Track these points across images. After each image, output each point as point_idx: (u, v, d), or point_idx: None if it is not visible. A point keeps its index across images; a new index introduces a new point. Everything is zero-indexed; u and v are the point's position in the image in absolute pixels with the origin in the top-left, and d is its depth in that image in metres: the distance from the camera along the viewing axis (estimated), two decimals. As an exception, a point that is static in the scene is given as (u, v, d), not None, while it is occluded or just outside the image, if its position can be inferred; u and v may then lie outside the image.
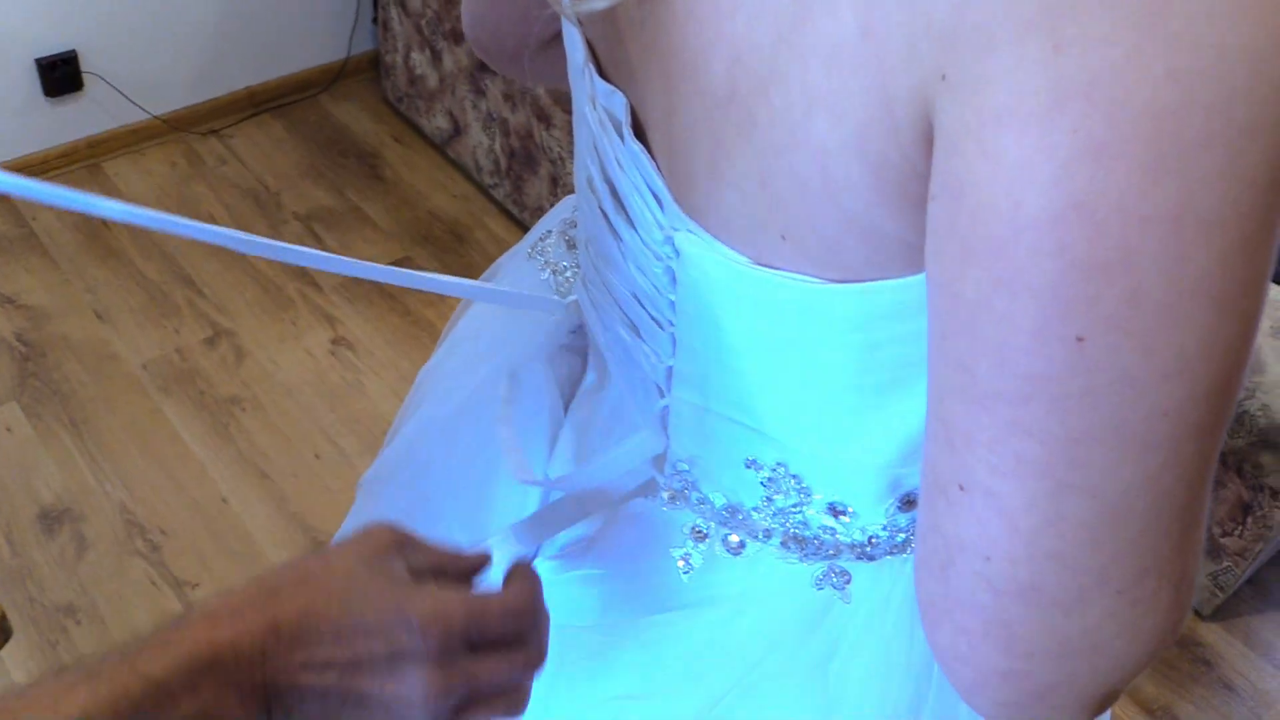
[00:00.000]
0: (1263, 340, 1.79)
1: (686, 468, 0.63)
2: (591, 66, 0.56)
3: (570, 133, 2.22)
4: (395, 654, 0.51)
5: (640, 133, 0.54)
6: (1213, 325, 0.36)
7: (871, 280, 0.46)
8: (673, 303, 0.56)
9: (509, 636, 0.54)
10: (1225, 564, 1.88)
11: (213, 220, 2.43)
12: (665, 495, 0.64)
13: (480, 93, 2.41)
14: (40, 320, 2.19)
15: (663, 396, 0.61)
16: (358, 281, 2.35)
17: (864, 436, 0.55)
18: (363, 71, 2.88)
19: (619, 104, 0.54)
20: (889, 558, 0.61)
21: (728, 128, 0.45)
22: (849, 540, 0.61)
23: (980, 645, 0.42)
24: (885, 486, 0.58)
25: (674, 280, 0.54)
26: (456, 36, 2.41)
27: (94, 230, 2.39)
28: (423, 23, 2.50)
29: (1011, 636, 0.42)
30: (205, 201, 2.49)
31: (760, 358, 0.54)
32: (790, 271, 0.48)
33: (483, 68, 2.36)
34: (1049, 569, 0.40)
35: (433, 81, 2.56)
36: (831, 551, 0.61)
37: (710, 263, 0.51)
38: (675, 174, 0.51)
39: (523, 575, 0.58)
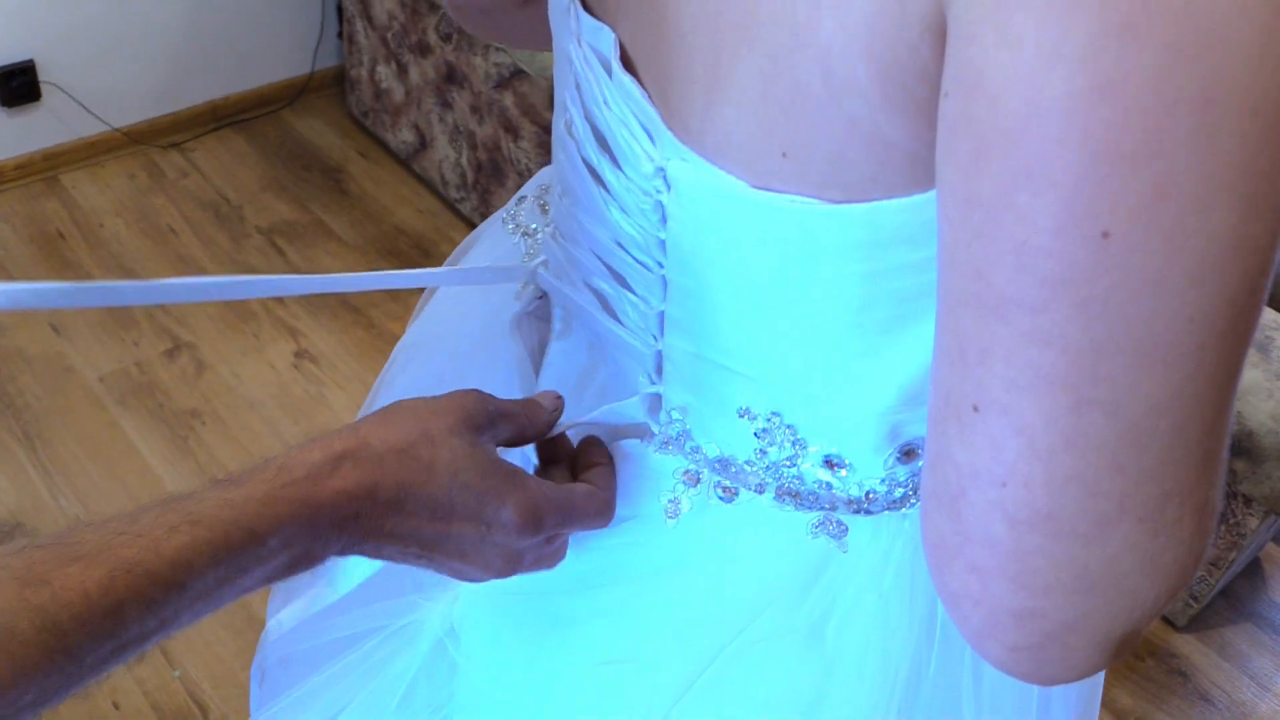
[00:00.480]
0: (1233, 348, 1.79)
1: (679, 417, 0.60)
2: (577, 3, 0.53)
3: (538, 145, 2.20)
4: (482, 539, 0.53)
5: (629, 68, 0.51)
6: (1240, 221, 0.34)
7: (875, 200, 0.44)
8: (662, 242, 0.53)
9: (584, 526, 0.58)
10: (1199, 573, 1.87)
11: (173, 233, 2.39)
12: (659, 439, 0.61)
13: (447, 105, 2.39)
14: (-7, 333, 2.14)
15: (656, 341, 0.59)
16: (321, 294, 2.31)
17: (863, 380, 0.53)
18: (327, 87, 2.85)
19: (607, 39, 0.52)
20: (887, 513, 0.58)
21: (726, 37, 0.43)
22: (845, 495, 0.58)
23: (993, 583, 0.40)
24: (884, 435, 0.55)
25: (664, 218, 0.52)
26: (423, 49, 2.39)
27: (50, 242, 2.34)
28: (389, 35, 2.47)
29: (1026, 571, 0.39)
30: (165, 214, 2.45)
31: (755, 295, 0.52)
32: (790, 194, 0.45)
33: (450, 79, 2.34)
34: (1068, 494, 0.37)
35: (398, 95, 2.53)
36: (827, 506, 0.58)
37: (705, 190, 0.48)
38: (669, 100, 0.48)
39: (602, 457, 0.61)
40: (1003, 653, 0.42)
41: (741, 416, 0.57)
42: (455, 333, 0.77)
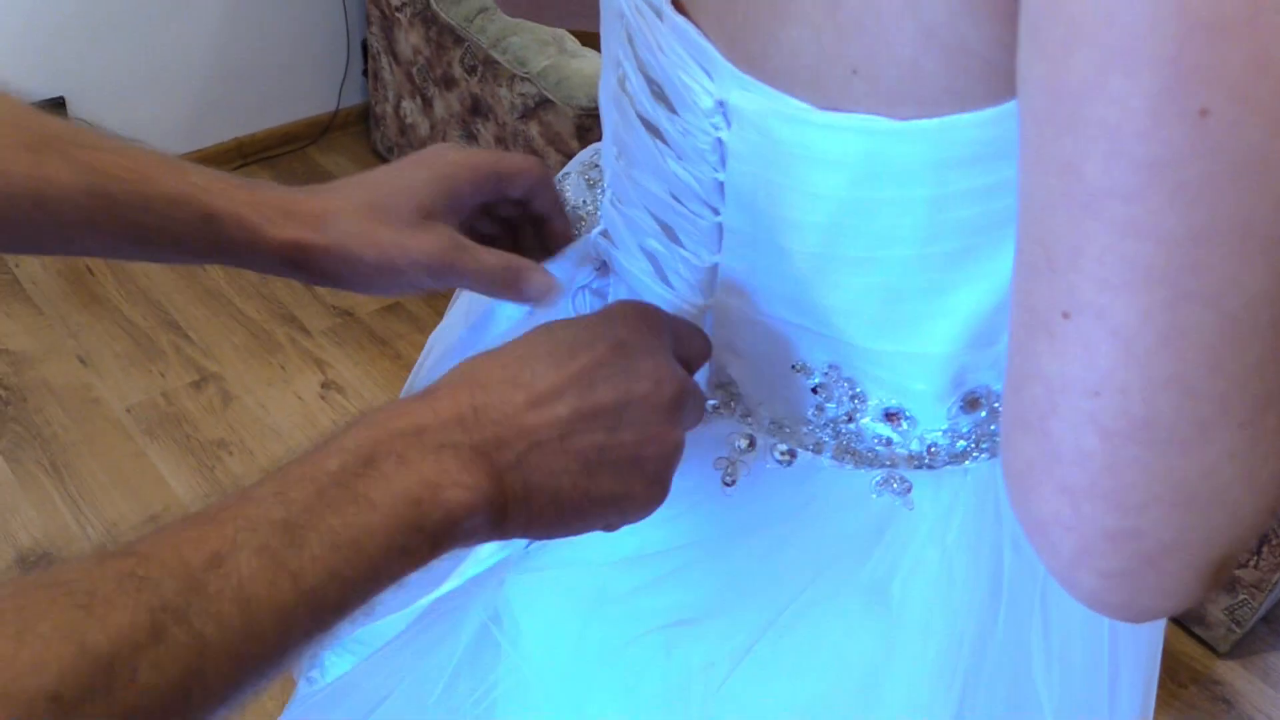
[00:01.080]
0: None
1: (728, 381, 0.59)
2: None
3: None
4: (626, 349, 0.47)
5: (680, 10, 0.51)
6: None
7: (947, 115, 0.43)
8: (720, 185, 0.52)
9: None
10: (1241, 597, 1.83)
11: (200, 267, 2.39)
12: (709, 406, 0.60)
13: (472, 137, 2.40)
14: (21, 365, 2.14)
15: (705, 300, 0.57)
16: (347, 325, 2.32)
17: (927, 320, 0.52)
18: (352, 124, 2.87)
19: None
20: (949, 468, 0.57)
21: None
22: (906, 451, 0.56)
23: (1086, 504, 0.38)
24: (949, 382, 0.54)
25: (723, 159, 0.51)
26: (448, 83, 2.40)
27: (78, 276, 2.35)
28: (414, 70, 2.50)
29: (1122, 487, 0.37)
30: (192, 249, 2.45)
31: (818, 231, 0.50)
32: (860, 113, 0.44)
33: (475, 111, 2.35)
34: (1165, 398, 0.36)
35: (424, 129, 2.55)
36: (888, 463, 0.57)
37: (769, 118, 0.47)
38: (728, 31, 0.48)
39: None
40: (1095, 581, 0.40)
41: (797, 371, 0.56)
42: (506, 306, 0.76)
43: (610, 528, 0.49)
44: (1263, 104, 0.32)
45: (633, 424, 0.46)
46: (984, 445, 0.57)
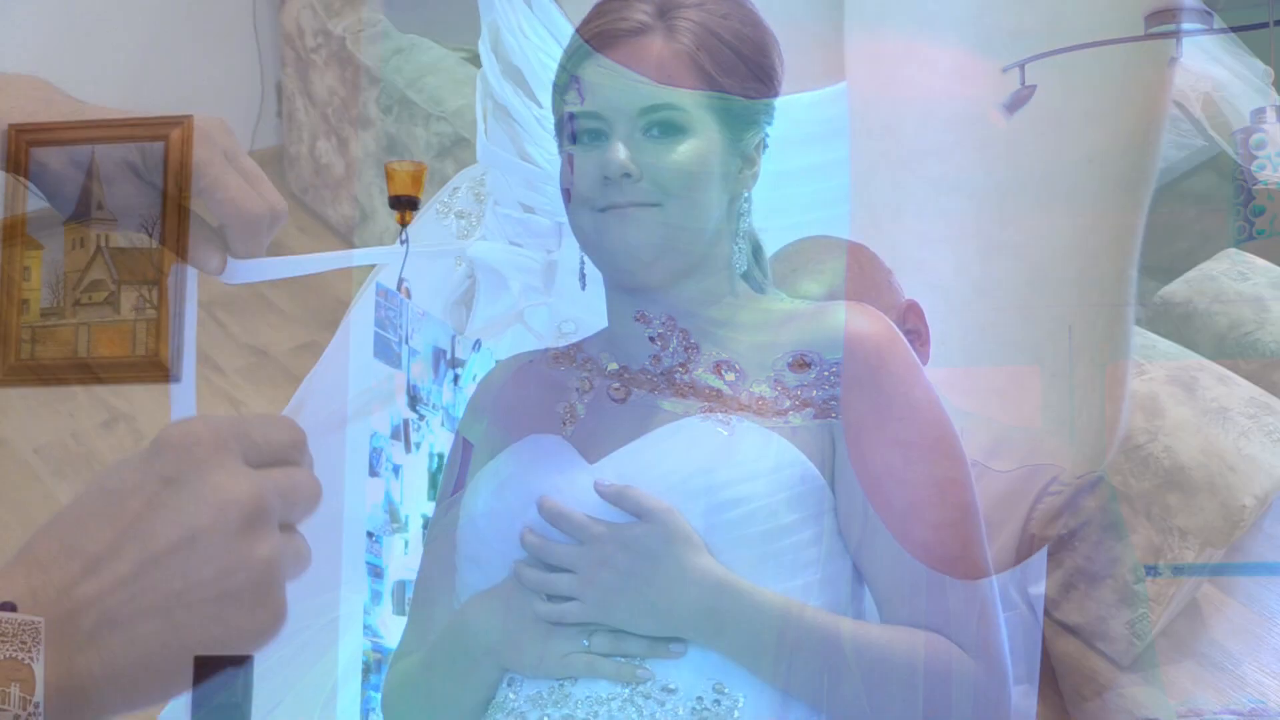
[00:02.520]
0: (1158, 388, 1.84)
1: (573, 329, 0.63)
2: None
3: (478, 211, 2.23)
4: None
5: None
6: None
7: (787, 93, 0.47)
8: (570, 157, 0.55)
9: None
10: (1140, 611, 1.89)
11: (111, 308, 2.37)
12: (550, 356, 0.64)
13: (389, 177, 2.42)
14: (-76, 407, 2.10)
15: (550, 254, 0.61)
16: (261, 364, 2.31)
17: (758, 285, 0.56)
18: (266, 166, 2.84)
19: None
20: (776, 420, 0.60)
21: None
22: (736, 401, 0.61)
23: (914, 454, 0.41)
24: (775, 338, 0.58)
25: (574, 134, 0.55)
26: (364, 123, 2.43)
27: (-15, 317, 2.32)
28: (329, 111, 2.51)
29: (947, 436, 0.41)
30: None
31: (664, 203, 0.54)
32: (703, 89, 0.48)
33: (391, 150, 2.37)
34: (981, 347, 0.39)
35: (339, 170, 2.56)
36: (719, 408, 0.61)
37: (617, 90, 0.51)
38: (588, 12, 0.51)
39: None
40: (926, 533, 0.43)
41: (637, 321, 0.61)
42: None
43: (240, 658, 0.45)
44: (1058, 63, 0.36)
45: (208, 559, 0.42)
46: (808, 408, 0.60)
